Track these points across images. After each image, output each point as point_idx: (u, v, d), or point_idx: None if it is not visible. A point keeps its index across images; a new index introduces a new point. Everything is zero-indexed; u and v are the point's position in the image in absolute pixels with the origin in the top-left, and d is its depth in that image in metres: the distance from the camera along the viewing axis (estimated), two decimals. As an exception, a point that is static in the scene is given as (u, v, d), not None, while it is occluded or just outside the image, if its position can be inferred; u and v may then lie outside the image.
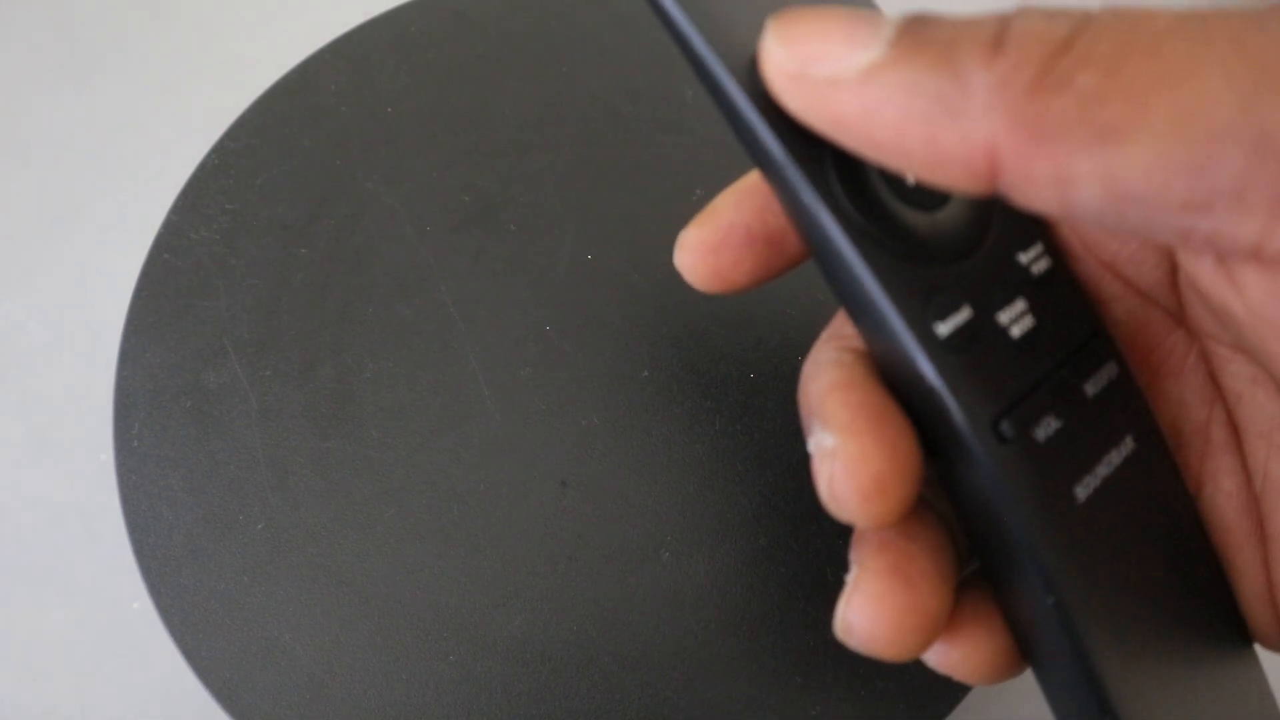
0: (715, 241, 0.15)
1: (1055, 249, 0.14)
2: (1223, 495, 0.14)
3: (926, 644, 0.13)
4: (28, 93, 0.33)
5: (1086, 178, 0.10)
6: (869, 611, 0.13)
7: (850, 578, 0.14)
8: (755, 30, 0.13)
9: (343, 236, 0.26)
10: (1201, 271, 0.13)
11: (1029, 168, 0.10)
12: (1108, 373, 0.14)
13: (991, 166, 0.10)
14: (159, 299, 0.25)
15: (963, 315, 0.13)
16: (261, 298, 0.25)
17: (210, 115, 0.28)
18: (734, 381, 0.24)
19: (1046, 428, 0.13)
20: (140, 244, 0.26)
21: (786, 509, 0.23)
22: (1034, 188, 0.10)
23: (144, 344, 0.25)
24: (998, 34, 0.10)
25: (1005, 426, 0.13)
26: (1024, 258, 0.14)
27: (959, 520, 0.15)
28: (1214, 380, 0.15)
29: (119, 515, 0.23)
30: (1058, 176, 0.10)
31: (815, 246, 0.13)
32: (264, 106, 0.28)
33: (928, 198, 0.13)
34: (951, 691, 0.21)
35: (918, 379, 0.13)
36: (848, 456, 0.13)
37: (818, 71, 0.11)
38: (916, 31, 0.11)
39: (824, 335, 0.16)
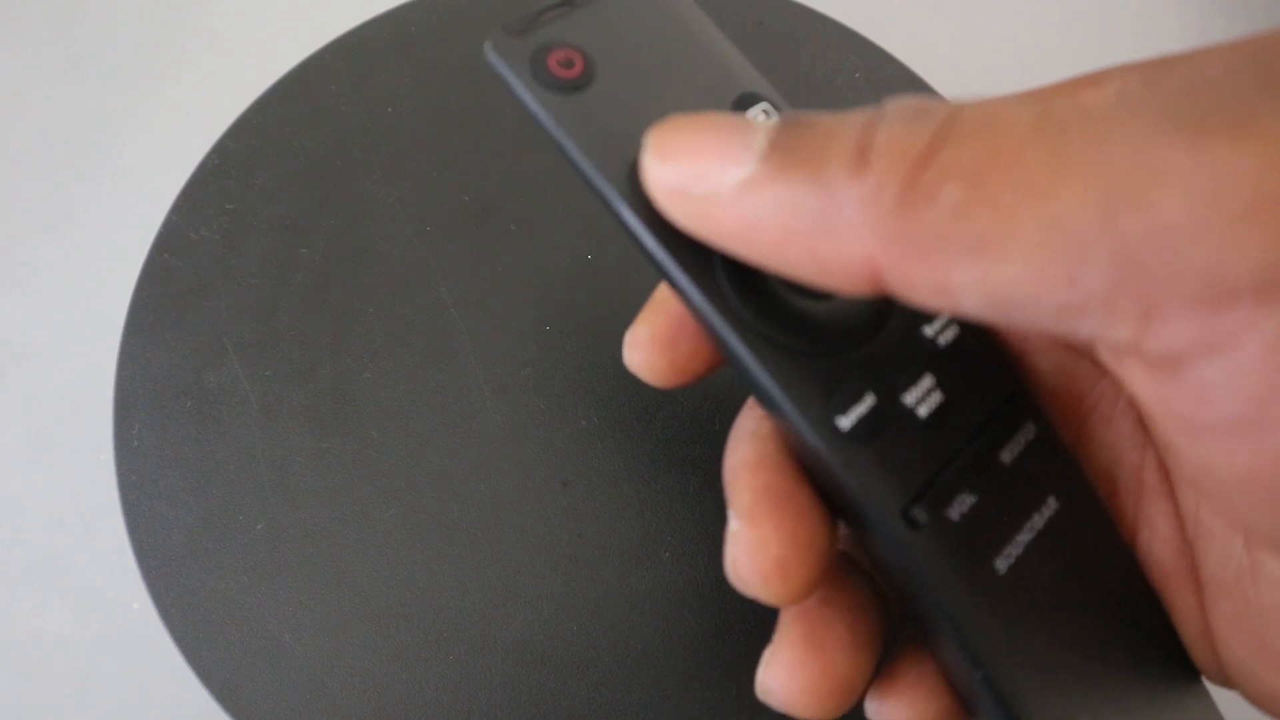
0: (668, 335, 0.15)
1: None
2: (1159, 539, 0.14)
3: (844, 706, 0.13)
4: (28, 93, 0.33)
5: (964, 286, 0.10)
6: (783, 678, 0.13)
7: (772, 641, 0.14)
8: (635, 136, 0.13)
9: (343, 236, 0.26)
10: (1100, 353, 0.13)
11: (908, 278, 0.10)
12: (1025, 435, 0.14)
13: (873, 275, 0.11)
14: (159, 299, 0.25)
15: (866, 404, 0.13)
16: (261, 298, 0.25)
17: (210, 115, 0.28)
18: (734, 381, 0.24)
19: (961, 505, 0.13)
20: (140, 244, 0.26)
21: (786, 509, 0.23)
22: (917, 293, 0.11)
23: (144, 344, 0.25)
24: (862, 144, 0.10)
25: (916, 512, 0.12)
26: (930, 330, 0.14)
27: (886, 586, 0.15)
28: (1143, 426, 0.14)
29: (119, 515, 0.23)
30: (937, 285, 0.10)
31: (714, 343, 0.13)
32: (264, 106, 0.28)
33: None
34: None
35: (824, 469, 0.13)
36: (748, 542, 0.13)
37: (695, 189, 0.11)
38: (786, 143, 0.11)
39: (750, 400, 0.15)
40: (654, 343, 0.15)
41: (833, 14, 0.30)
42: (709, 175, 0.11)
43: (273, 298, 0.25)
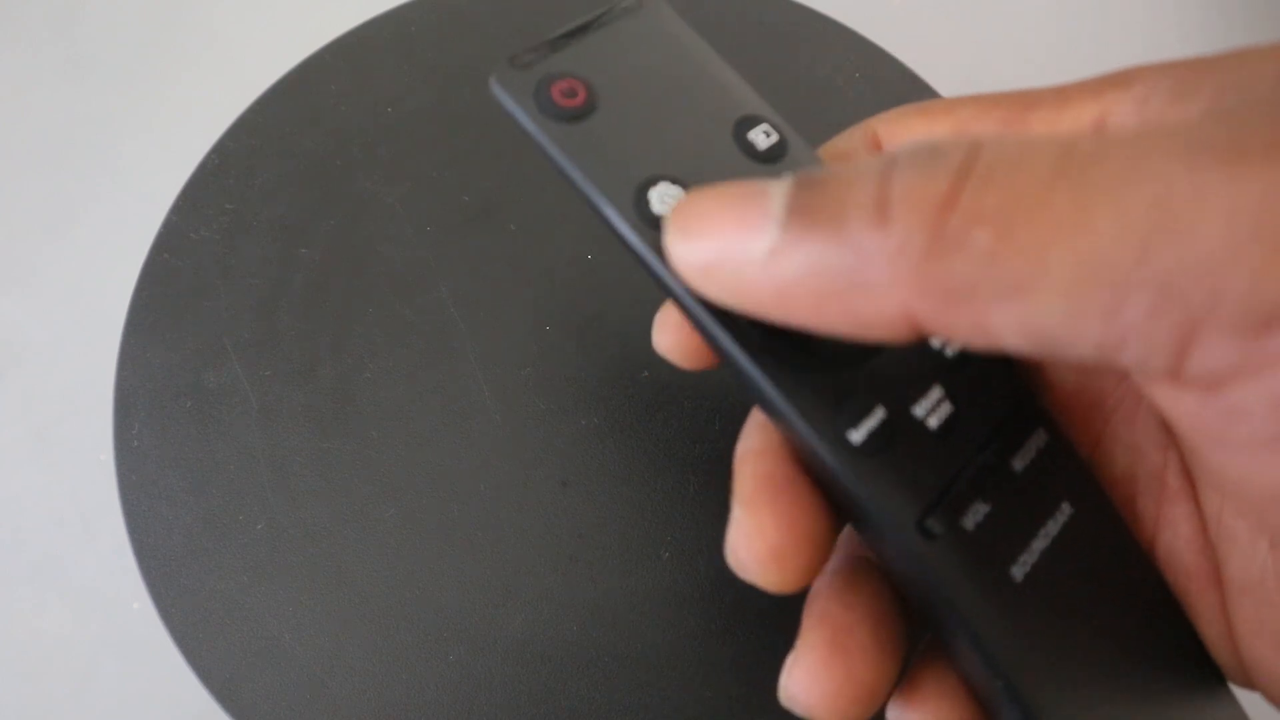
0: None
1: None
2: (1181, 540, 0.14)
3: (868, 713, 0.13)
4: (28, 93, 0.33)
5: (1003, 327, 0.10)
6: (806, 684, 0.13)
7: (795, 646, 0.14)
8: (638, 161, 0.13)
9: (343, 236, 0.26)
10: (1133, 373, 0.13)
11: (947, 323, 0.10)
12: (1037, 441, 0.14)
13: (912, 324, 0.11)
14: (159, 299, 0.25)
15: (876, 417, 0.13)
16: (261, 298, 0.25)
17: (210, 115, 0.28)
18: (734, 381, 0.24)
19: (975, 515, 0.13)
20: (140, 244, 0.26)
21: (786, 509, 0.23)
22: (959, 335, 0.11)
23: (144, 344, 0.25)
24: (880, 196, 0.10)
25: (931, 523, 0.12)
26: (938, 341, 0.14)
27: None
28: (1166, 428, 0.14)
29: (119, 515, 0.23)
30: (976, 327, 0.10)
31: (720, 359, 0.13)
32: (264, 106, 0.28)
33: None
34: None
35: (836, 482, 0.13)
36: (745, 529, 0.13)
37: (725, 265, 0.12)
38: (803, 205, 0.11)
39: None
40: (685, 324, 0.15)
41: (833, 14, 0.30)
42: (735, 249, 0.11)
43: (273, 298, 0.25)
